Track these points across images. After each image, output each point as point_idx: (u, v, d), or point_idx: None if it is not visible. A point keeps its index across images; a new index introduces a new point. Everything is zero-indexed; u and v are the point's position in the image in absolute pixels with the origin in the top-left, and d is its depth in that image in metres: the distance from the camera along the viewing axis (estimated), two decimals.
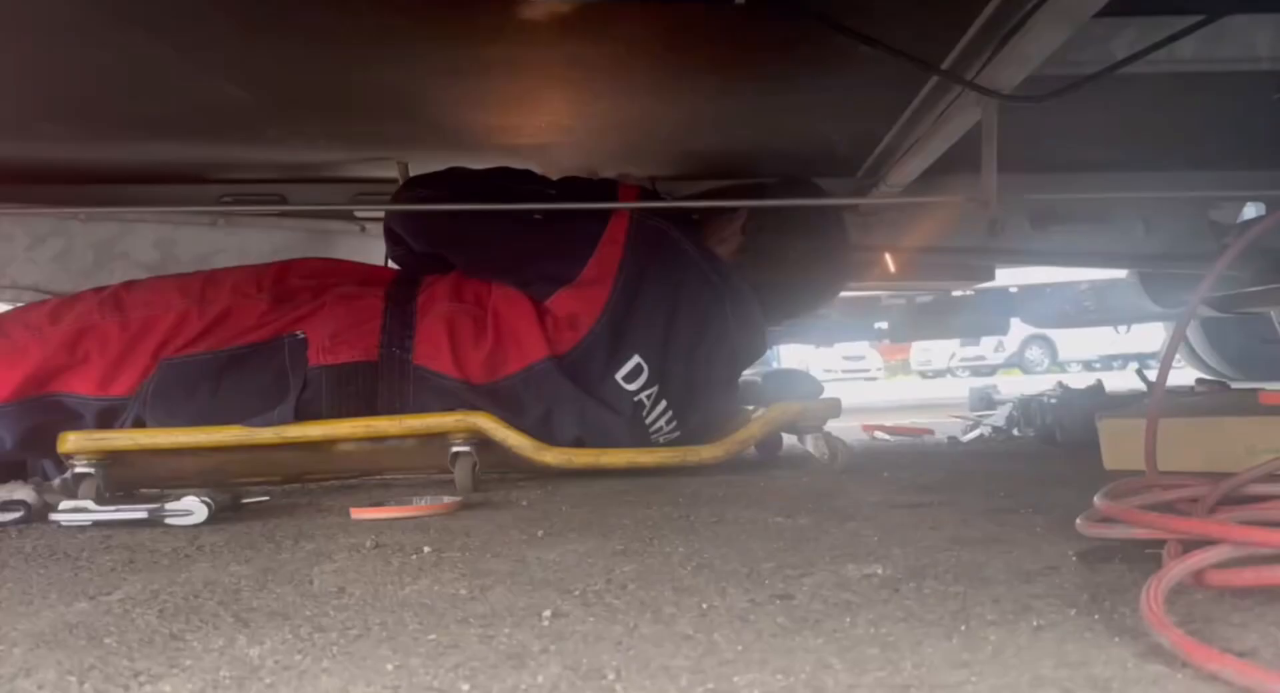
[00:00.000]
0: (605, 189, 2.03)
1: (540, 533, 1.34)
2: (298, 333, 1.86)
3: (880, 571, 1.03)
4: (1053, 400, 2.38)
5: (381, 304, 1.94)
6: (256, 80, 1.94)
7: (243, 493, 1.84)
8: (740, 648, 0.78)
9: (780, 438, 2.17)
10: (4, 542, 1.51)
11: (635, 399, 1.90)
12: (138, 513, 1.58)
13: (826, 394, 2.11)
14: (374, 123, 2.28)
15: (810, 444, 1.94)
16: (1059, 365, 20.04)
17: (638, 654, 0.77)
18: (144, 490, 1.95)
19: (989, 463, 2.13)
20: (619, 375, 1.89)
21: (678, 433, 1.98)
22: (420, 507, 1.58)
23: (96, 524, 1.59)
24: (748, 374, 2.19)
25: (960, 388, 7.80)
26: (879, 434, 2.99)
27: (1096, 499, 1.09)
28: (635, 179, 2.54)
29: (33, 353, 1.82)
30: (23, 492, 1.81)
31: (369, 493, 1.90)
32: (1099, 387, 2.62)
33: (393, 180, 2.73)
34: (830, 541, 1.21)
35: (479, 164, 2.19)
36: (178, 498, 1.61)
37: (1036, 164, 2.49)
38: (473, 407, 1.86)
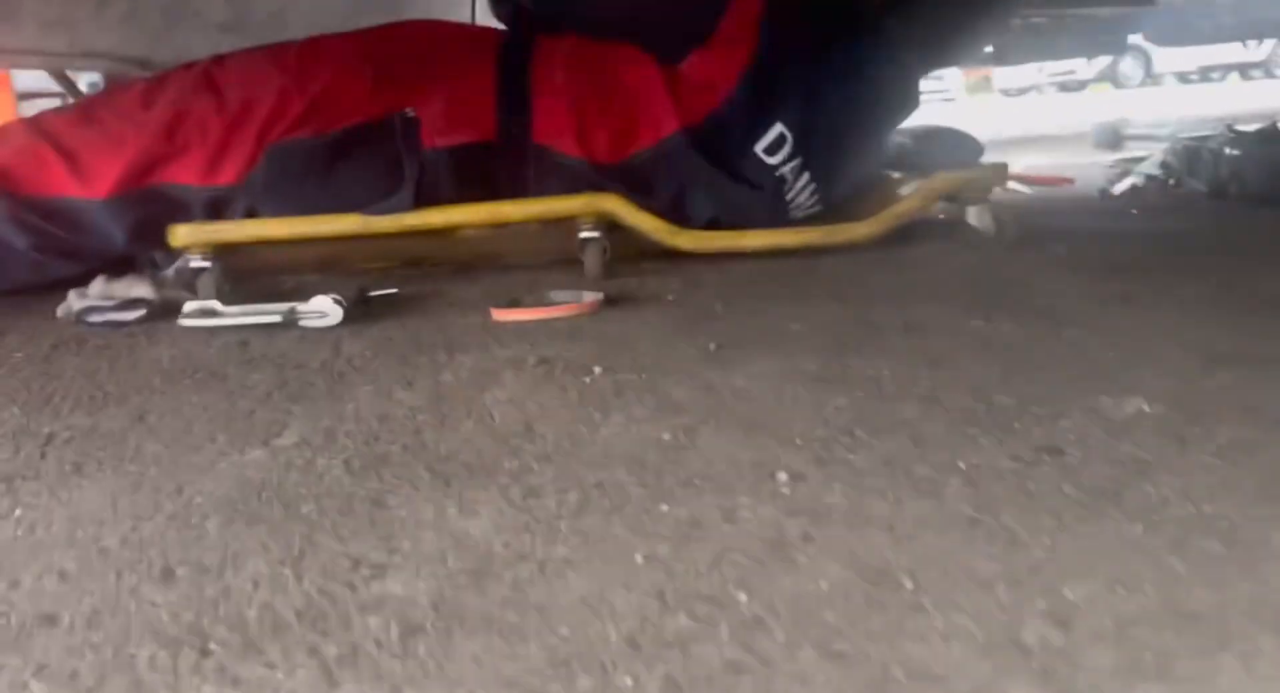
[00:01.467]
0: None
1: (712, 346, 1.22)
2: (408, 111, 1.68)
3: (1146, 407, 0.89)
4: (1233, 152, 2.11)
5: (493, 75, 1.73)
6: None
7: (369, 285, 1.74)
8: (1048, 542, 0.66)
9: None
10: (136, 350, 1.44)
11: (778, 174, 1.71)
12: (270, 317, 1.49)
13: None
14: None
15: (974, 217, 1.76)
16: (1153, 78, 18.77)
17: (924, 549, 0.67)
18: (262, 280, 1.86)
19: (1170, 227, 1.93)
20: (760, 148, 1.69)
21: (819, 207, 1.81)
22: (563, 307, 1.47)
23: (227, 328, 1.51)
24: (899, 133, 1.98)
25: (1050, 108, 7.29)
26: (1014, 185, 2.76)
27: None
28: None
29: (130, 142, 1.68)
30: (142, 288, 1.73)
31: (496, 281, 1.79)
32: (1274, 131, 2.34)
33: None
34: (1058, 358, 1.07)
35: None
36: (307, 298, 1.52)
37: None
38: (599, 188, 1.70)
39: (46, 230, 1.69)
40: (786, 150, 1.70)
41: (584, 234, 1.74)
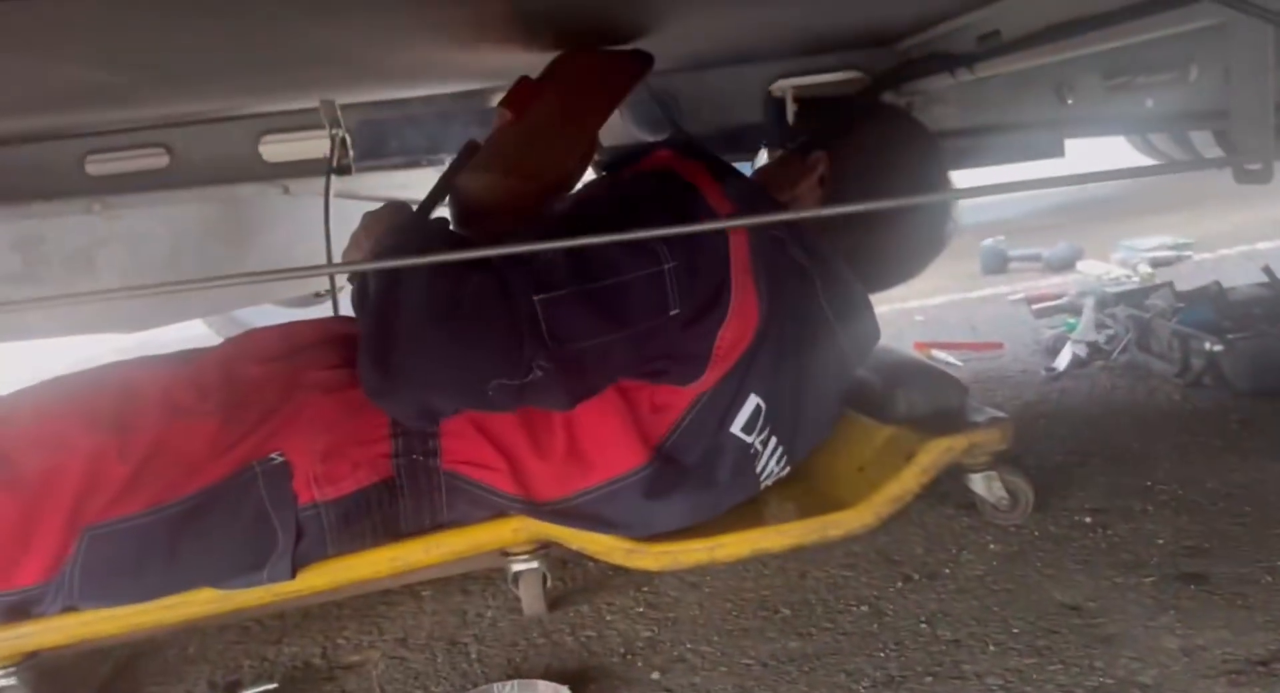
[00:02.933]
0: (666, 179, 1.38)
1: None
2: (272, 457, 1.26)
3: None
4: (1214, 348, 1.92)
5: None
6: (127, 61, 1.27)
7: (238, 679, 1.33)
8: None
9: None
10: None
11: (751, 450, 1.39)
12: None
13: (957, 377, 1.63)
14: (288, 72, 1.61)
15: (980, 486, 1.48)
16: None
17: None
18: (86, 667, 1.41)
19: (1186, 444, 1.70)
20: (735, 428, 1.36)
21: (787, 470, 1.49)
22: None
23: None
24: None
25: None
26: (938, 354, 2.56)
27: None
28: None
29: None
30: None
31: (408, 632, 1.40)
32: (1219, 291, 2.20)
33: (309, 110, 2.08)
34: None
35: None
36: None
37: None
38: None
39: None
40: (761, 421, 1.38)
41: (516, 567, 1.38)
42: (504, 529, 1.36)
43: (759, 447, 1.40)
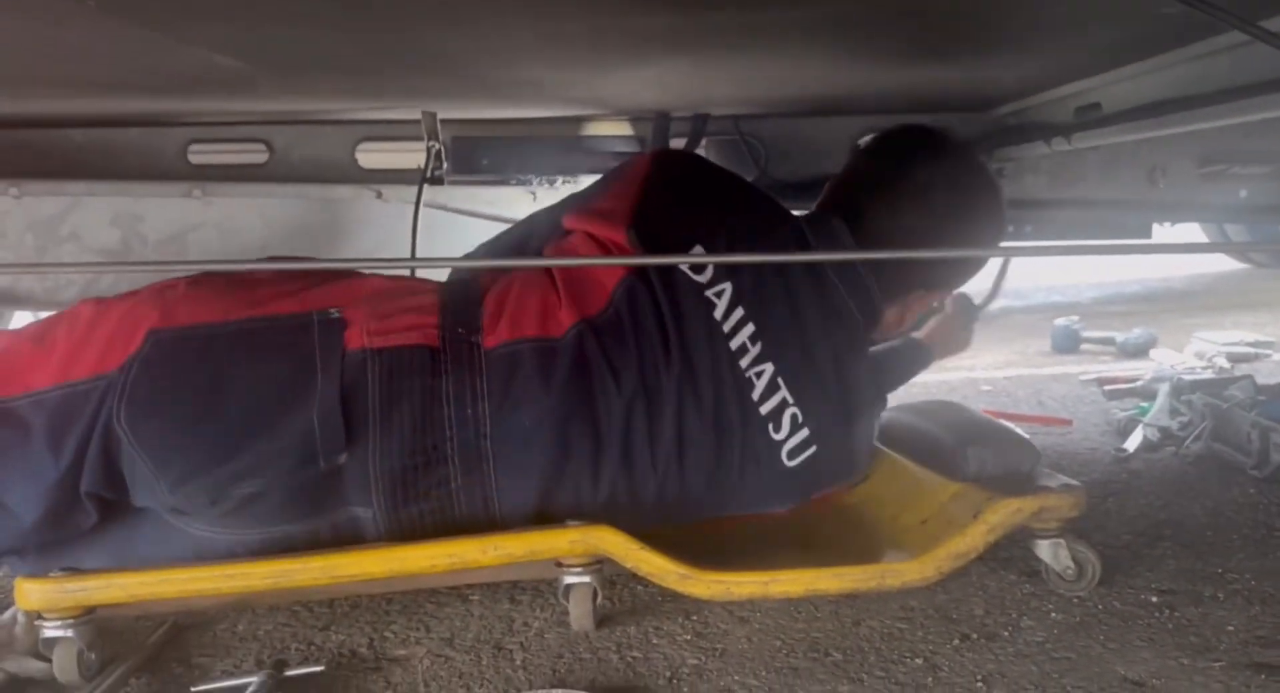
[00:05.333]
0: None
1: None
2: (331, 311, 1.34)
3: None
4: None
5: (437, 290, 1.48)
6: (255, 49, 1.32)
7: (286, 657, 1.33)
8: None
9: None
10: None
11: (733, 347, 1.42)
12: None
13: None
14: (400, 79, 1.66)
15: (1046, 553, 1.45)
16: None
17: None
18: (138, 633, 1.43)
19: (1263, 534, 1.66)
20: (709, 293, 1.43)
21: (811, 445, 1.45)
22: None
23: None
24: (927, 424, 1.68)
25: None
26: (1004, 423, 2.51)
27: None
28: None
29: None
30: None
31: (453, 633, 1.40)
32: None
33: (411, 121, 2.14)
34: None
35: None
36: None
37: None
38: (575, 359, 1.37)
39: None
40: (735, 308, 1.42)
41: (569, 580, 1.38)
42: (561, 540, 1.36)
43: (743, 346, 1.41)
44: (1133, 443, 2.25)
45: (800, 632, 1.35)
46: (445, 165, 2.18)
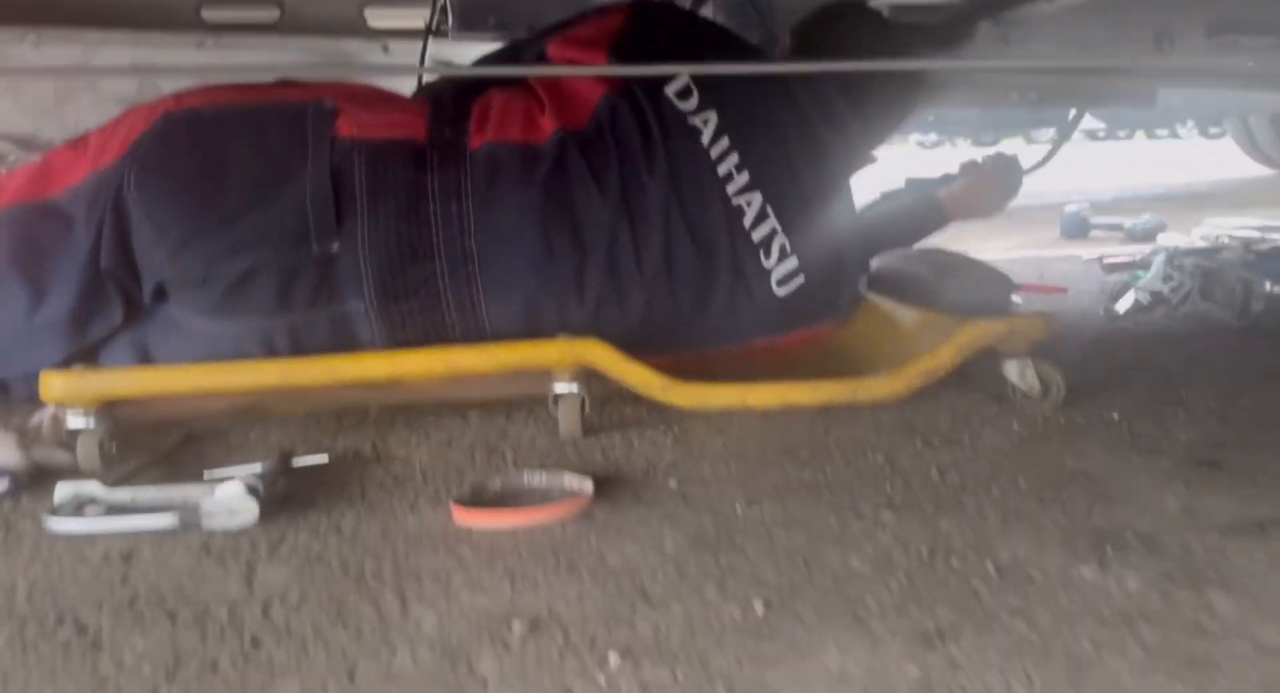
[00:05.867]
0: None
1: (758, 607, 0.93)
2: (324, 100, 1.46)
3: None
4: (1276, 289, 1.92)
5: (427, 102, 1.58)
6: None
7: (291, 448, 1.43)
8: None
9: None
10: None
11: (711, 155, 1.50)
12: (164, 519, 1.17)
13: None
14: None
15: (1013, 373, 1.51)
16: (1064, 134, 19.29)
17: None
18: (158, 437, 1.53)
19: (1222, 369, 1.71)
20: (671, 90, 1.52)
21: (791, 256, 1.52)
22: (544, 510, 1.17)
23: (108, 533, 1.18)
24: (913, 267, 1.73)
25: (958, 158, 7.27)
26: None
27: None
28: None
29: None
30: (4, 450, 1.40)
31: (449, 438, 1.49)
32: None
33: None
34: (1234, 660, 0.82)
35: None
36: (214, 487, 1.20)
37: None
38: (556, 162, 1.45)
39: None
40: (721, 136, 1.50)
41: (559, 389, 1.46)
42: (550, 350, 1.44)
43: (730, 173, 1.48)
44: (1124, 305, 2.29)
45: (775, 439, 1.43)
46: (451, 20, 2.21)
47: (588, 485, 1.23)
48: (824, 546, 1.05)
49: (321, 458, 1.38)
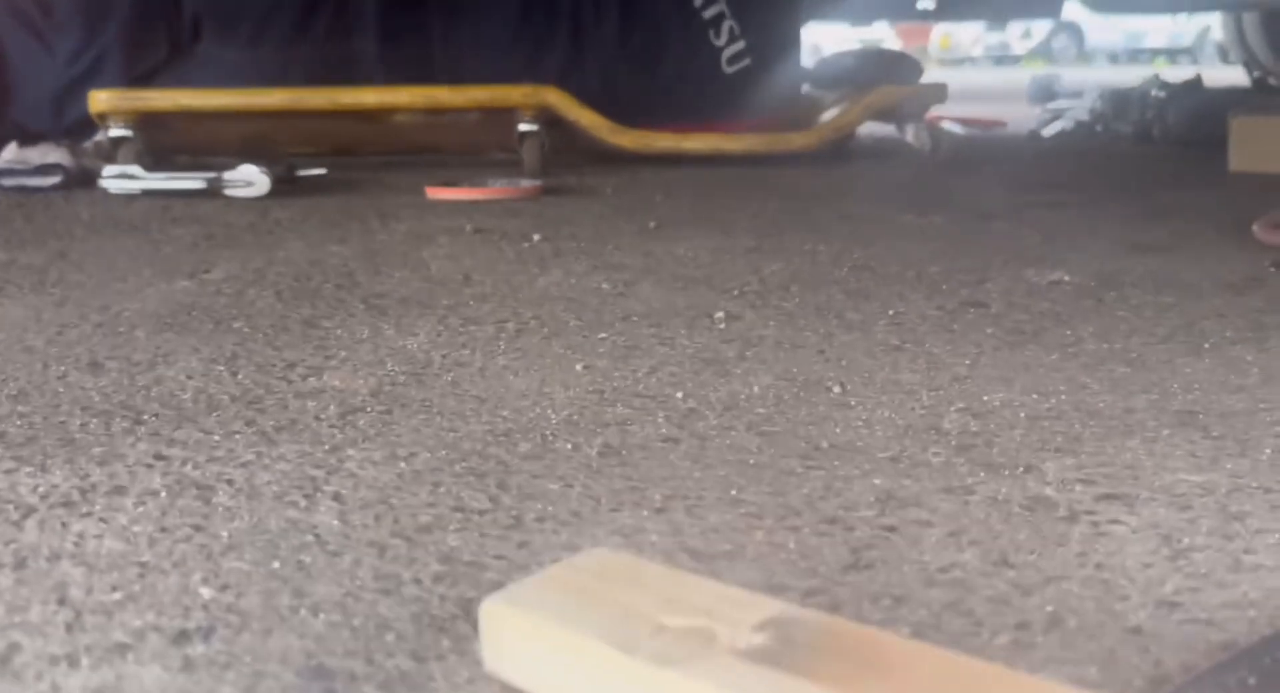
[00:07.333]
0: None
1: (652, 225, 1.23)
2: None
3: (1067, 277, 0.93)
4: (1159, 94, 2.18)
5: None
6: None
7: (297, 164, 1.71)
8: (968, 362, 0.70)
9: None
10: (54, 207, 1.40)
11: None
12: (194, 182, 1.46)
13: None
14: None
15: (910, 134, 1.79)
16: (1085, 56, 19.17)
17: (852, 366, 0.69)
18: (183, 159, 1.81)
19: (1098, 160, 1.99)
20: None
21: (748, 61, 1.80)
22: (500, 189, 1.46)
23: (148, 193, 1.47)
24: (840, 54, 1.99)
25: (986, 78, 7.43)
26: (947, 124, 2.81)
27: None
28: None
29: None
30: (57, 154, 1.68)
31: (430, 170, 1.77)
32: (1198, 81, 2.42)
33: None
34: (986, 243, 1.11)
35: None
36: (234, 167, 1.48)
37: None
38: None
39: None
40: None
41: (523, 127, 1.73)
42: (516, 92, 1.71)
43: None
44: (1050, 131, 2.55)
45: (705, 175, 1.70)
46: None
47: (539, 183, 1.52)
48: (716, 209, 1.35)
49: (321, 170, 1.66)
